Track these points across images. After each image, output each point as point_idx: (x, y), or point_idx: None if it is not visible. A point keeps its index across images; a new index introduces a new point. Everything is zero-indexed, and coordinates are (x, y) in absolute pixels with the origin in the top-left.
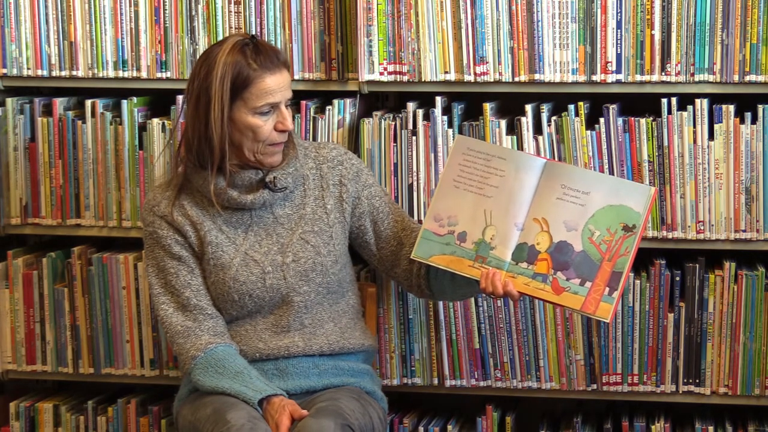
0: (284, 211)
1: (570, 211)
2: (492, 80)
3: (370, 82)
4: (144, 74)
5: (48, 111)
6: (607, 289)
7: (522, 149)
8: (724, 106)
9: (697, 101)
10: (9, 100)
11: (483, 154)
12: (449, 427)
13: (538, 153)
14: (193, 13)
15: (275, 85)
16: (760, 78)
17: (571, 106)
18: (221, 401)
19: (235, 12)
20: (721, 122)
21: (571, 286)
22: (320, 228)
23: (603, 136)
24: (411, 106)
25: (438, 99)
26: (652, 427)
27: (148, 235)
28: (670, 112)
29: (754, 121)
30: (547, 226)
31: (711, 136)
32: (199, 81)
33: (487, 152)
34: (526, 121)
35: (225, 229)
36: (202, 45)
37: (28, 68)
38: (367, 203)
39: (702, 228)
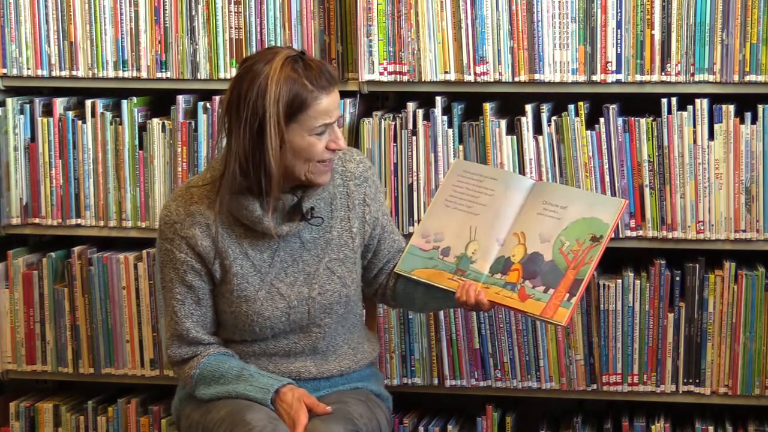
0: (311, 235)
1: (547, 225)
2: (492, 80)
3: (370, 82)
4: (144, 74)
5: (48, 111)
6: (567, 295)
7: (522, 149)
8: (724, 106)
9: (697, 101)
10: (9, 100)
11: (476, 176)
12: (449, 427)
13: (538, 153)
14: (193, 13)
15: (332, 105)
16: (760, 78)
17: (571, 106)
18: (236, 402)
19: (235, 12)
20: (721, 122)
21: (535, 293)
22: (345, 255)
23: (603, 136)
24: (411, 106)
25: (438, 99)
26: (652, 427)
27: (164, 251)
28: (670, 112)
29: (754, 121)
30: (524, 239)
31: (711, 136)
32: (249, 105)
33: (481, 173)
34: (526, 121)
35: (251, 254)
36: (202, 45)
37: (28, 68)
38: (381, 225)
39: (702, 228)
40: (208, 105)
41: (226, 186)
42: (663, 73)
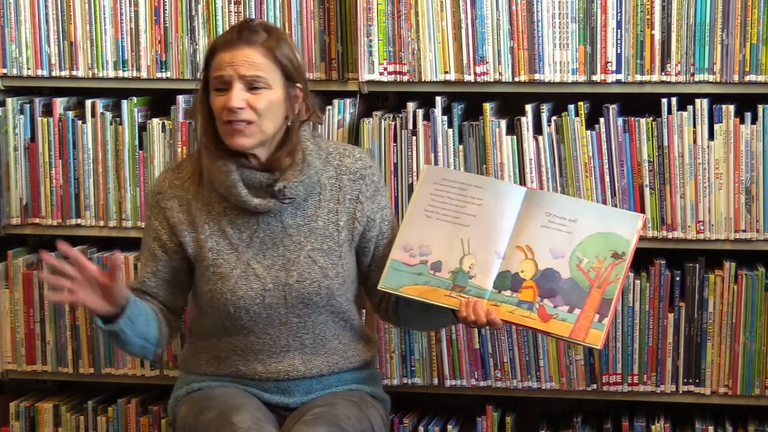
0: (294, 220)
1: (556, 239)
2: (492, 80)
3: (370, 82)
4: (144, 74)
5: (48, 111)
6: (597, 316)
7: (522, 149)
8: (724, 106)
9: (697, 101)
10: (9, 100)
11: (458, 183)
12: (449, 427)
13: (538, 153)
14: (193, 13)
15: (229, 59)
16: (760, 78)
17: (571, 106)
18: (226, 405)
19: (235, 12)
20: (721, 122)
21: (558, 314)
22: (329, 246)
23: (603, 136)
24: (411, 106)
25: (438, 99)
26: (652, 427)
27: (147, 217)
28: (670, 112)
29: (754, 121)
30: (532, 254)
31: (711, 136)
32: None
33: (463, 181)
34: (526, 121)
35: (228, 232)
36: (202, 45)
37: (28, 68)
38: (378, 227)
39: (702, 228)
40: None
41: (202, 144)
42: (663, 73)
